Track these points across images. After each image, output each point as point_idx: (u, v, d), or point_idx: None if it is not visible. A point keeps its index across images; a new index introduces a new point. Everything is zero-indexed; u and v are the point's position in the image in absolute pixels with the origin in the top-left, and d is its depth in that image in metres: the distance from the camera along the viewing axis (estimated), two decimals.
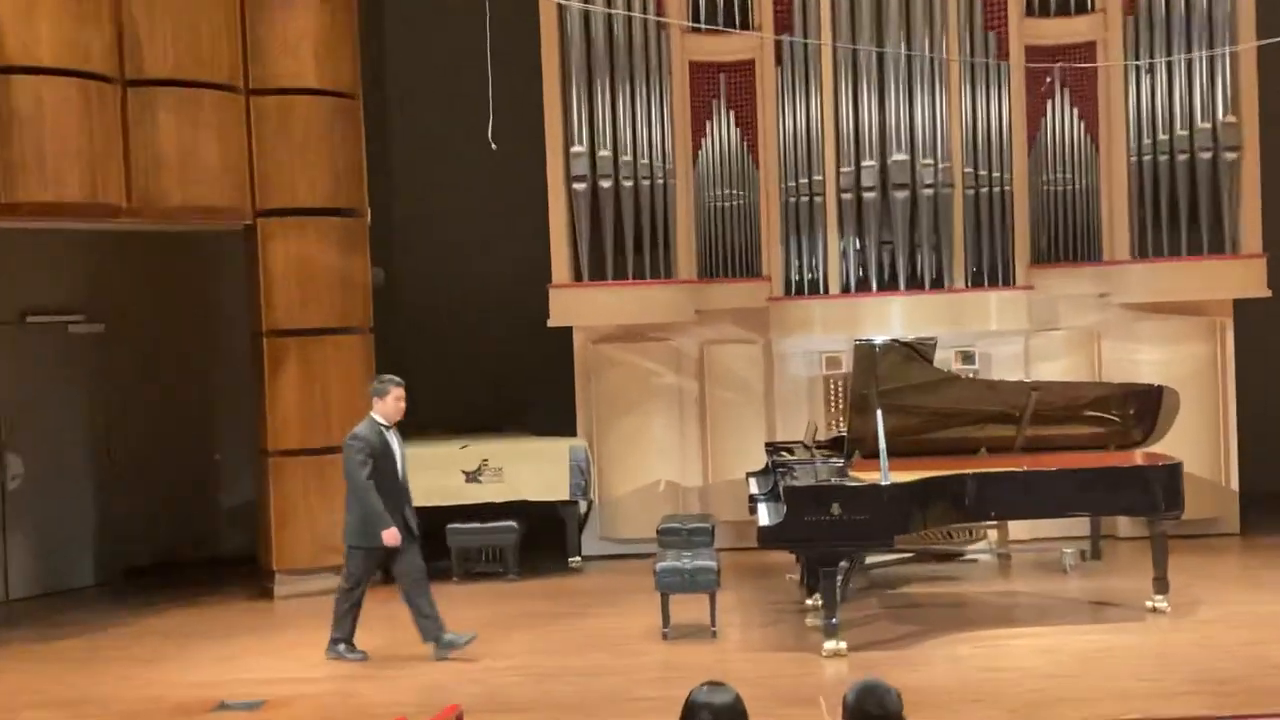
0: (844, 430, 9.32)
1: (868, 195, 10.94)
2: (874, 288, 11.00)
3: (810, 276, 11.15)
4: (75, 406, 11.16)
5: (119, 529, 11.32)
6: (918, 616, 8.93)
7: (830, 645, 7.93)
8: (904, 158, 10.91)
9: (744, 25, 11.31)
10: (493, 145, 9.33)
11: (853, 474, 8.52)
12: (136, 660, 8.60)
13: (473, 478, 10.83)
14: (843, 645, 7.94)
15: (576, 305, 11.22)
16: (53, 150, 8.79)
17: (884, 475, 7.96)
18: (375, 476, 8.10)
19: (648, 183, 11.11)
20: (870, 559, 10.01)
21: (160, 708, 7.48)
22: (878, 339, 8.73)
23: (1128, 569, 10.00)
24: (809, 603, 9.05)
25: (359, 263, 10.67)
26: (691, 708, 3.85)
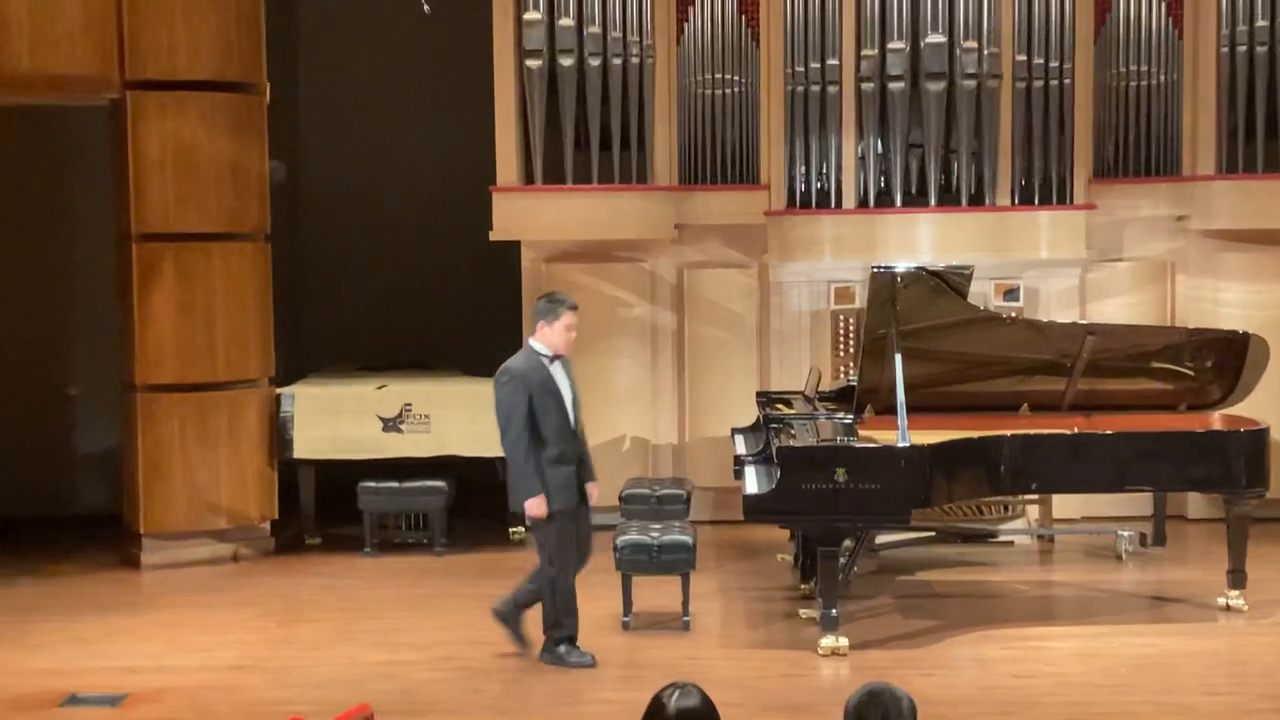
0: (854, 379, 9.35)
1: (894, 86, 10.92)
2: (898, 202, 11.01)
3: (819, 186, 11.15)
4: None
5: None
6: (936, 609, 9.01)
7: (828, 642, 7.99)
8: (941, 40, 10.88)
9: None
10: (425, 8, 9.25)
11: (863, 433, 8.56)
12: None
13: (392, 426, 10.82)
14: (843, 642, 8.01)
15: (525, 214, 11.18)
16: None
17: (902, 435, 7.99)
18: (536, 421, 7.82)
19: (619, 62, 11.04)
20: (881, 538, 10.09)
21: None
22: (899, 266, 8.75)
23: (1197, 558, 10.11)
24: (804, 588, 9.12)
25: (254, 152, 10.59)
26: (655, 715, 3.87)
